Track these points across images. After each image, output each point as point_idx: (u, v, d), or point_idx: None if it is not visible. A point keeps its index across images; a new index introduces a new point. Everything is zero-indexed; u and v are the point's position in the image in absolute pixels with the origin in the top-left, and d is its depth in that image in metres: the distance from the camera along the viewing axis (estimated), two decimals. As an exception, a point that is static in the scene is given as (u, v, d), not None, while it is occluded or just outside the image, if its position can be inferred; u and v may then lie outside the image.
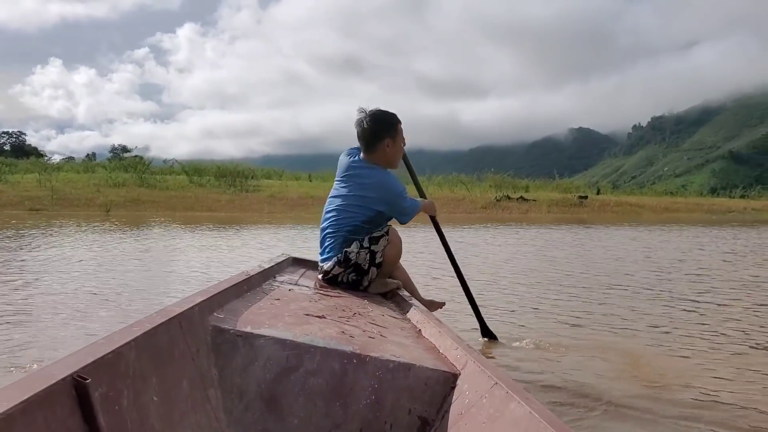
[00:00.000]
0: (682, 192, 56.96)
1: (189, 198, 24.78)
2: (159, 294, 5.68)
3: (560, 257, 9.76)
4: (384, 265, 3.38)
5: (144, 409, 1.36)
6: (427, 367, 1.86)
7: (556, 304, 5.59)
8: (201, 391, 1.69)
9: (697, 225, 22.12)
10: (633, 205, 33.30)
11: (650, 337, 4.34)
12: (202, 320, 1.89)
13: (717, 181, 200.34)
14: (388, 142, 3.54)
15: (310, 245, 10.86)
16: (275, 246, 10.22)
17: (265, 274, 3.10)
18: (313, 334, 2.00)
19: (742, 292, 6.43)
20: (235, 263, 7.60)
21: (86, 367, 1.20)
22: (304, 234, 13.42)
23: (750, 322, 4.91)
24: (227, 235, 12.93)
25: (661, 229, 19.03)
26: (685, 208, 34.59)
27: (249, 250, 9.87)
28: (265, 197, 26.40)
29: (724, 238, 15.13)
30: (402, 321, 2.72)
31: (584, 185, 46.24)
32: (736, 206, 37.21)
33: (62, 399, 1.11)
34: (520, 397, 1.42)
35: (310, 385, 1.83)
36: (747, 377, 3.43)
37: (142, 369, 1.41)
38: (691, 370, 3.55)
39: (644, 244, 12.98)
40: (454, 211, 26.64)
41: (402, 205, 3.49)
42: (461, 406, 1.68)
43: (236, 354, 1.86)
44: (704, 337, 4.35)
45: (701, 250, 11.37)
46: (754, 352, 3.98)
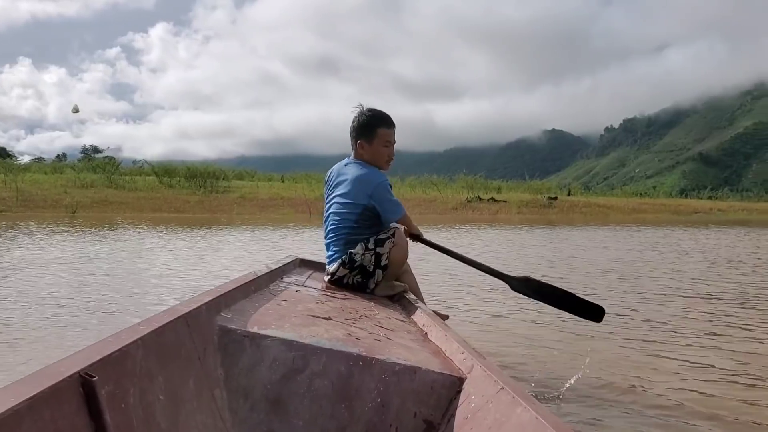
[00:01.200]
0: (652, 193, 57.79)
1: (158, 199, 24.63)
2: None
3: (505, 258, 9.90)
4: (390, 267, 3.34)
5: (150, 408, 1.36)
6: (433, 371, 1.85)
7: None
8: (207, 390, 1.69)
9: (661, 226, 22.51)
10: (601, 206, 33.77)
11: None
12: (209, 320, 1.89)
13: (687, 183, 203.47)
14: (362, 143, 3.54)
15: (278, 247, 10.90)
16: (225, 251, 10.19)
17: (272, 274, 3.09)
18: (319, 335, 1.99)
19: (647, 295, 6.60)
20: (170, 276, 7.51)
21: (93, 364, 1.20)
22: (267, 236, 13.40)
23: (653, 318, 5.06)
24: (181, 237, 12.87)
25: (625, 229, 19.34)
26: (652, 209, 35.13)
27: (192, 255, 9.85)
28: (236, 198, 26.33)
29: (678, 238, 15.46)
30: (408, 324, 2.70)
31: (556, 186, 46.76)
32: (702, 207, 37.90)
33: (69, 396, 1.11)
34: (527, 402, 1.42)
35: (315, 386, 1.83)
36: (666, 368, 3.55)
37: (149, 367, 1.41)
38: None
39: (598, 243, 13.21)
40: (426, 212, 26.78)
41: (386, 197, 3.44)
42: (467, 410, 1.68)
43: (242, 354, 1.86)
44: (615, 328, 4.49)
45: (651, 251, 11.60)
46: (656, 341, 4.11)
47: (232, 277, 2.65)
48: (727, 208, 38.84)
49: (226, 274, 6.65)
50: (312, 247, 10.39)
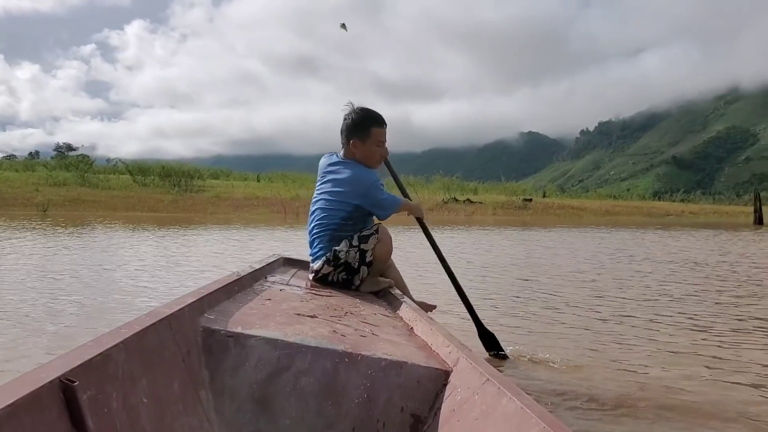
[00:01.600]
0: (626, 195, 58.53)
1: (131, 198, 24.43)
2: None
3: (474, 260, 9.99)
4: (375, 263, 3.36)
5: (134, 412, 1.35)
6: (419, 365, 1.86)
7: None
8: (192, 392, 1.68)
9: (630, 228, 22.80)
10: (575, 208, 34.13)
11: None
12: (193, 321, 1.87)
13: (661, 185, 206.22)
14: (355, 142, 3.53)
15: (249, 247, 10.89)
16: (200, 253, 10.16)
17: (256, 274, 3.08)
18: (304, 333, 1.99)
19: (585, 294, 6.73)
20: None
21: (74, 369, 1.18)
22: (237, 236, 13.35)
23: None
24: (150, 237, 12.80)
25: (594, 231, 19.58)
26: (625, 211, 35.59)
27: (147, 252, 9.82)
28: (210, 198, 26.20)
29: (640, 238, 15.71)
30: (394, 319, 2.72)
31: (531, 188, 47.17)
32: (674, 210, 38.49)
33: (49, 402, 1.10)
34: (512, 392, 1.43)
35: (301, 384, 1.82)
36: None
37: (132, 371, 1.40)
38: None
39: (565, 244, 13.38)
40: (400, 213, 26.77)
41: (377, 197, 3.43)
42: (453, 402, 1.69)
43: (227, 355, 1.85)
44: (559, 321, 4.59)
45: (615, 252, 11.79)
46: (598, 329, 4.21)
47: (200, 278, 2.64)
48: (698, 211, 39.50)
49: (187, 278, 6.63)
50: (283, 247, 10.39)
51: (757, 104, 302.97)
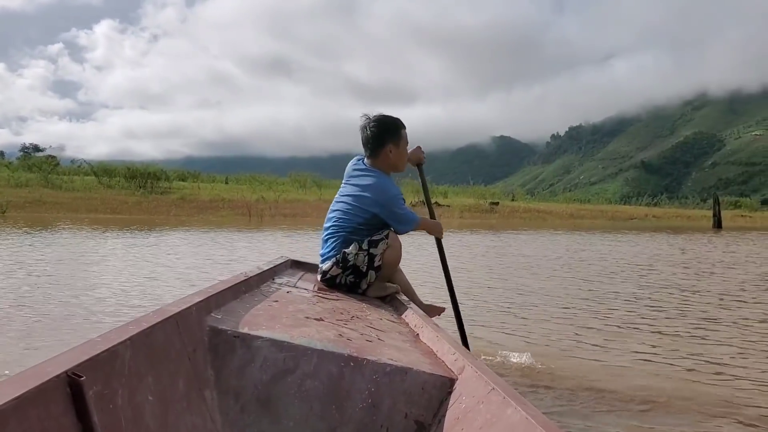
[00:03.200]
0: (595, 199, 59.34)
1: (95, 200, 24.18)
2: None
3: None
4: (383, 268, 3.35)
5: (139, 409, 1.35)
6: (424, 372, 1.85)
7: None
8: (197, 391, 1.67)
9: (588, 231, 23.16)
10: (541, 211, 34.52)
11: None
12: (200, 320, 1.87)
13: (629, 189, 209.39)
14: (391, 147, 3.54)
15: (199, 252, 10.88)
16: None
17: (264, 275, 3.08)
18: (310, 336, 1.99)
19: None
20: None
21: (81, 364, 1.18)
22: (189, 240, 13.30)
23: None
24: (91, 239, 12.72)
25: (552, 234, 19.87)
26: (590, 215, 36.09)
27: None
28: (175, 200, 26.01)
29: (590, 241, 16.01)
30: (400, 325, 2.70)
31: (501, 192, 47.57)
32: (638, 213, 39.09)
33: (56, 396, 1.10)
34: (517, 402, 1.42)
35: (306, 387, 1.82)
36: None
37: (138, 368, 1.40)
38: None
39: (510, 245, 13.61)
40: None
41: (395, 211, 3.43)
42: (458, 410, 1.67)
43: (233, 355, 1.85)
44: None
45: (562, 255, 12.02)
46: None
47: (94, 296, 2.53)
48: (662, 215, 40.19)
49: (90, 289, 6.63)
50: (232, 256, 10.39)
51: (724, 110, 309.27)
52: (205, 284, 3.50)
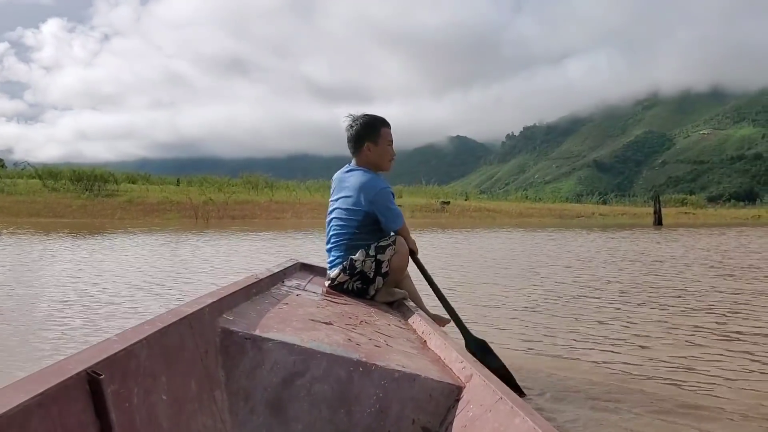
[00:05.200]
0: (550, 198, 60.36)
1: (37, 203, 23.74)
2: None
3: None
4: (390, 274, 3.35)
5: (153, 408, 1.37)
6: (432, 379, 1.85)
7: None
8: (208, 392, 1.69)
9: (533, 228, 23.63)
10: (491, 210, 35.03)
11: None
12: (212, 322, 1.89)
13: (582, 188, 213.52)
14: (369, 145, 3.56)
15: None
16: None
17: (274, 278, 3.09)
18: (320, 340, 2.00)
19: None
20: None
21: (100, 363, 1.20)
22: (119, 244, 13.14)
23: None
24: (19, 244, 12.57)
25: (495, 232, 20.26)
26: (538, 213, 36.73)
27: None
28: (122, 202, 25.66)
29: (530, 238, 16.41)
30: (407, 331, 2.71)
31: (456, 192, 48.08)
32: (585, 211, 39.88)
33: (76, 394, 1.12)
34: (525, 412, 1.42)
35: (315, 390, 1.83)
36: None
37: (153, 368, 1.42)
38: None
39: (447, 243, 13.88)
40: (319, 217, 26.91)
41: (387, 205, 3.44)
42: (465, 419, 1.68)
43: (244, 357, 1.86)
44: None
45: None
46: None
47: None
48: (608, 212, 41.11)
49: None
50: (165, 263, 10.35)
51: (674, 110, 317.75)
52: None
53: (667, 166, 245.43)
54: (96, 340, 2.95)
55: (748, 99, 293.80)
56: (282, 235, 16.19)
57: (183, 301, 2.13)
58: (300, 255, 9.11)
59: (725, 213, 49.03)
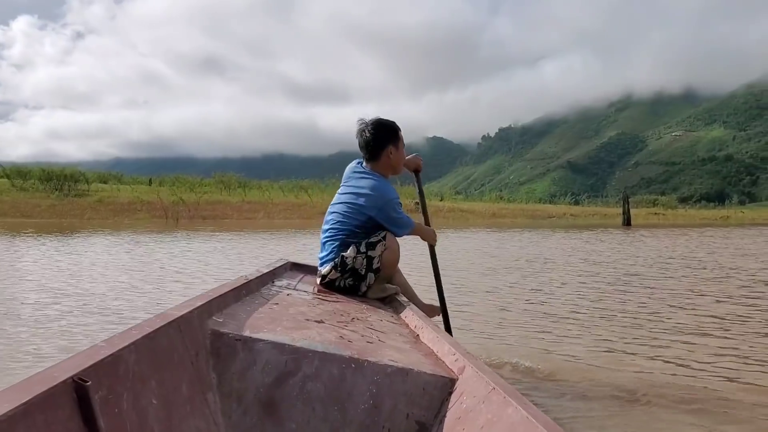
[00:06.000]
0: (526, 199, 60.88)
1: (5, 203, 23.43)
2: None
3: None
4: (382, 270, 3.36)
5: (143, 413, 1.36)
6: (425, 372, 1.86)
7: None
8: (200, 394, 1.68)
9: (504, 229, 23.87)
10: (464, 211, 35.27)
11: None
12: (201, 324, 1.88)
13: (557, 189, 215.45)
14: (391, 149, 3.58)
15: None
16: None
17: (264, 278, 3.08)
18: (311, 338, 1.99)
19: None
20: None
21: (86, 369, 1.19)
22: (82, 246, 13.02)
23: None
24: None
25: (464, 232, 20.44)
26: (510, 214, 37.08)
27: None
28: (92, 202, 25.42)
29: (497, 238, 16.62)
30: (400, 326, 2.71)
31: (430, 193, 48.28)
32: (557, 212, 40.36)
33: (63, 401, 1.11)
34: (518, 401, 1.43)
35: (308, 389, 1.83)
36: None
37: (142, 372, 1.41)
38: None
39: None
40: (290, 217, 26.92)
41: (392, 215, 3.44)
42: (459, 410, 1.68)
43: (235, 358, 1.86)
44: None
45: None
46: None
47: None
48: (579, 213, 41.65)
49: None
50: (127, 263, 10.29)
51: (646, 111, 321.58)
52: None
53: (639, 167, 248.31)
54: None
55: (719, 101, 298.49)
56: (242, 236, 16.13)
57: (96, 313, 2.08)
58: (260, 259, 9.12)
59: (695, 214, 49.92)
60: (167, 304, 5.00)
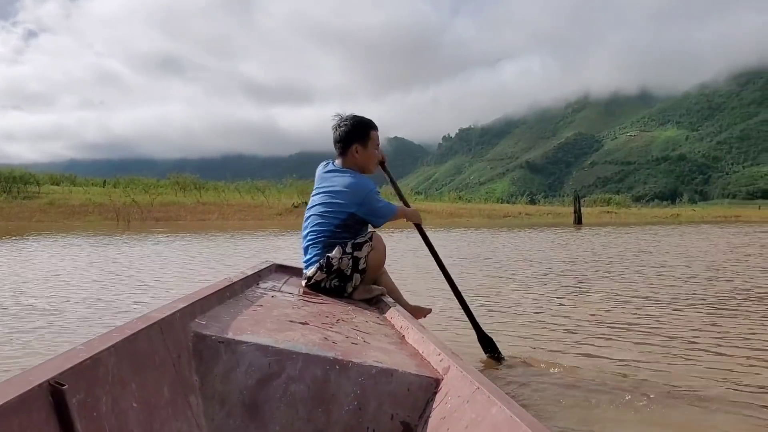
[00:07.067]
0: (487, 199, 61.51)
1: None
2: None
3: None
4: (368, 271, 3.34)
5: (123, 416, 1.33)
6: (409, 373, 1.86)
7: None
8: (182, 397, 1.66)
9: (458, 228, 24.12)
10: (421, 211, 34.89)
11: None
12: (184, 326, 1.86)
13: (516, 189, 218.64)
14: (357, 147, 3.53)
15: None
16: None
17: (248, 280, 3.06)
18: (295, 340, 1.98)
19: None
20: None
21: (64, 373, 1.17)
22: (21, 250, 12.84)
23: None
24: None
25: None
26: (468, 213, 37.40)
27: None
28: (42, 205, 24.92)
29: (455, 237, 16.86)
30: (385, 327, 2.70)
31: (390, 193, 48.40)
32: (512, 211, 40.87)
33: (38, 405, 1.09)
34: (502, 401, 1.43)
35: (292, 391, 1.81)
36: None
37: (122, 375, 1.38)
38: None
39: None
40: (245, 218, 26.75)
41: (374, 206, 3.42)
42: (444, 411, 1.69)
43: (218, 360, 1.84)
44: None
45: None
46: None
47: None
48: (534, 212, 42.23)
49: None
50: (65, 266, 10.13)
51: (602, 112, 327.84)
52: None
53: (595, 167, 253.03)
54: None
55: (673, 102, 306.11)
56: (185, 239, 16.03)
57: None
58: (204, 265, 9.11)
59: (646, 212, 51.01)
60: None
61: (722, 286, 7.07)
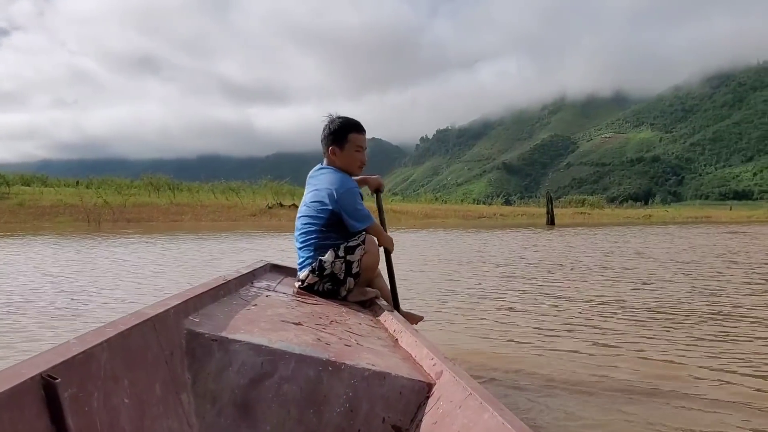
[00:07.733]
0: (459, 199, 61.75)
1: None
2: None
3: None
4: (362, 274, 3.29)
5: (114, 412, 1.33)
6: (402, 376, 1.85)
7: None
8: (173, 395, 1.66)
9: (431, 229, 24.24)
10: (397, 211, 35.54)
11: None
12: (177, 324, 1.86)
13: (493, 190, 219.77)
14: (334, 149, 3.51)
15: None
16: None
17: (243, 279, 3.04)
18: (288, 340, 1.98)
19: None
20: None
21: (56, 366, 1.16)
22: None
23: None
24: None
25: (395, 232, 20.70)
26: (443, 214, 37.58)
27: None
28: (11, 206, 24.58)
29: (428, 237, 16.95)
30: (379, 330, 2.69)
31: (367, 194, 48.40)
32: (487, 212, 41.15)
33: (30, 399, 1.08)
34: (494, 407, 1.43)
35: (284, 391, 1.81)
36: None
37: (114, 371, 1.38)
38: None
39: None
40: (218, 219, 26.59)
41: (353, 205, 3.35)
42: (435, 415, 1.68)
43: (210, 358, 1.83)
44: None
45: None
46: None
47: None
48: (508, 213, 42.59)
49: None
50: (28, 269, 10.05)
51: (578, 114, 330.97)
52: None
53: (571, 168, 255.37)
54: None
55: (647, 104, 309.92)
56: (153, 240, 15.95)
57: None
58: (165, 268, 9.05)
59: (619, 213, 51.64)
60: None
61: (679, 286, 7.22)
